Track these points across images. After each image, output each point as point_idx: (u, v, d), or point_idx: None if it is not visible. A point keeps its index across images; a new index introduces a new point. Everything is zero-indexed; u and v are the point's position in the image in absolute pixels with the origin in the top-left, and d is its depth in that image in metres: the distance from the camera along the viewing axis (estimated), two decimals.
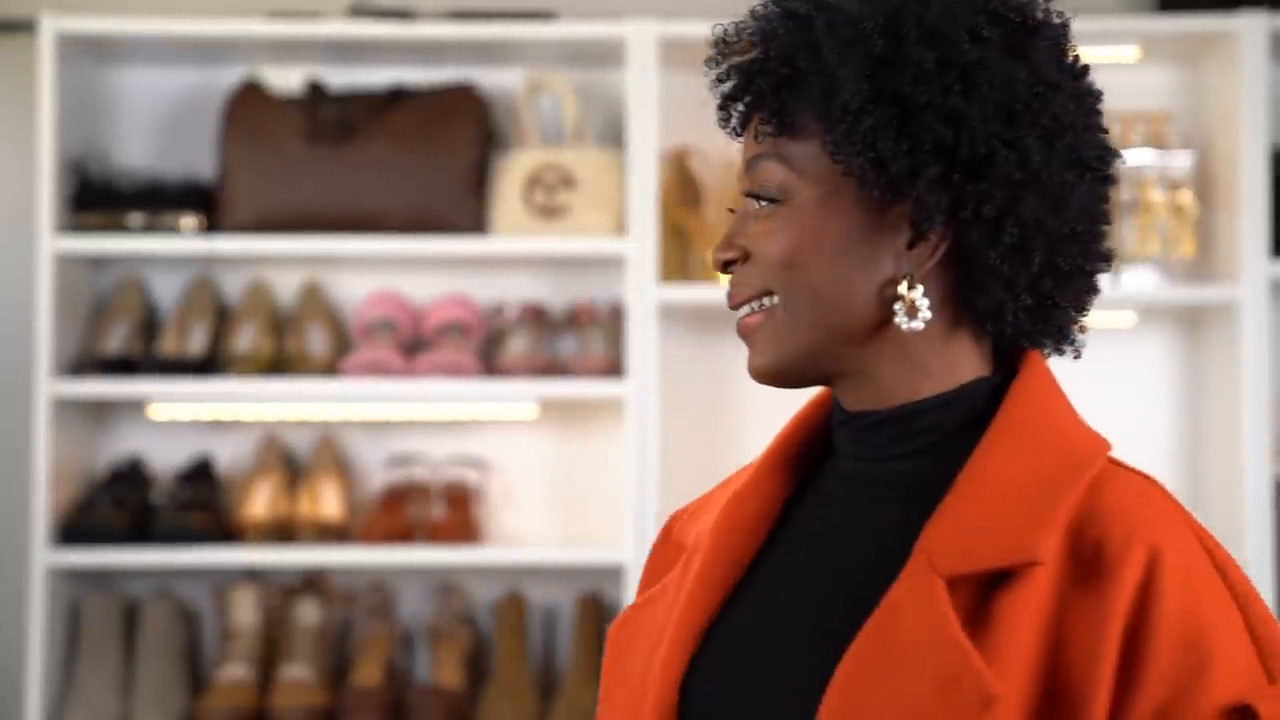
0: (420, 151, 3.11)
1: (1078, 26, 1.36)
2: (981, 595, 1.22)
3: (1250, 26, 2.97)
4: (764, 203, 1.30)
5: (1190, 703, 1.18)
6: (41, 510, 3.02)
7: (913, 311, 1.24)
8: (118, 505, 3.10)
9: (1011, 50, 1.24)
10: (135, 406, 3.24)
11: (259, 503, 3.16)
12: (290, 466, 3.24)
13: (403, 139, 3.11)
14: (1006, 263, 1.25)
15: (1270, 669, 1.19)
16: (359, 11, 3.08)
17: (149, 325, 3.24)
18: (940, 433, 1.31)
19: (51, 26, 3.00)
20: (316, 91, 3.10)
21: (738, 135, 1.32)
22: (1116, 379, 3.25)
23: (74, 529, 3.05)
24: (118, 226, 3.11)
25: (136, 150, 3.26)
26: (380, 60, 3.19)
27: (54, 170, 3.04)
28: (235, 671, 3.10)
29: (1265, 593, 2.90)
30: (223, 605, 3.18)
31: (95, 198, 3.12)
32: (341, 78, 3.18)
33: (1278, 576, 3.02)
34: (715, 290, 3.06)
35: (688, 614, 1.35)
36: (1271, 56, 2.98)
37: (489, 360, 3.17)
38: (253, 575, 3.19)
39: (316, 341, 3.20)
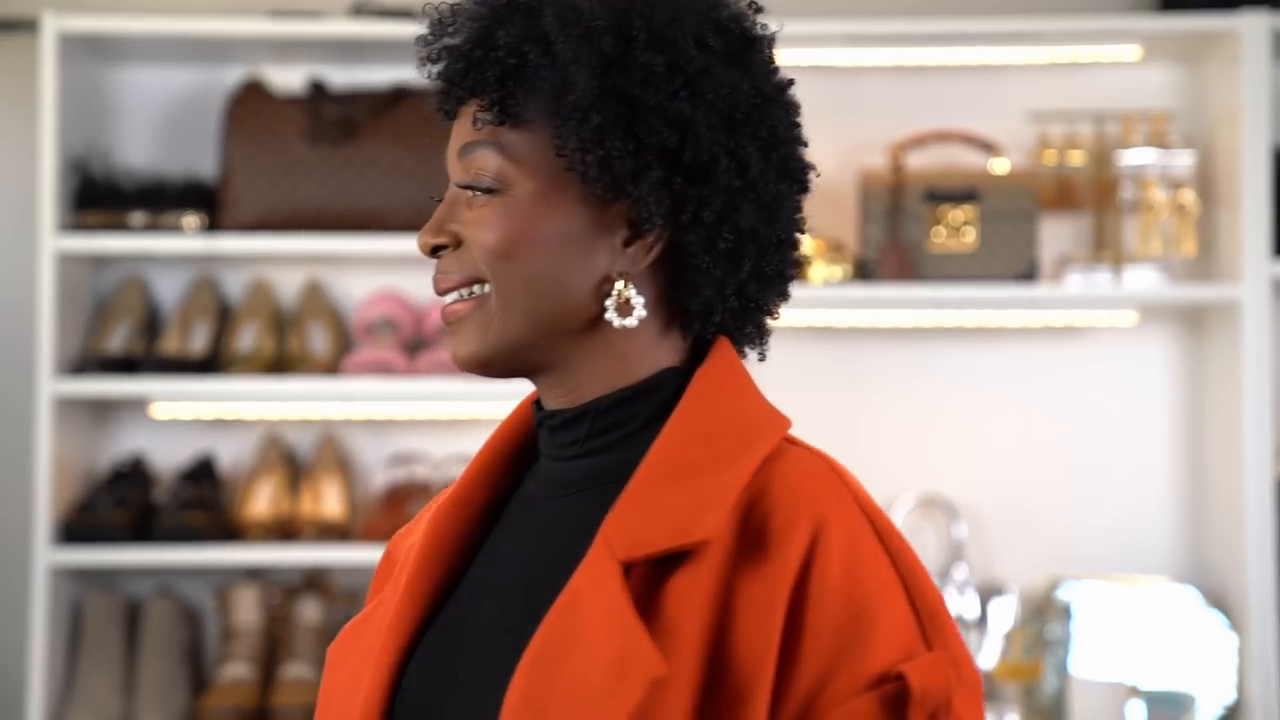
0: (422, 151, 3.07)
1: (1081, 26, 1.35)
2: (655, 578, 1.22)
3: (1252, 26, 2.96)
4: (479, 191, 1.27)
5: (847, 673, 1.19)
6: (43, 509, 3.03)
7: (626, 309, 1.24)
8: (119, 504, 3.11)
9: (734, 61, 1.25)
10: (137, 405, 3.25)
11: (261, 502, 3.18)
12: (292, 465, 3.26)
13: (405, 138, 3.11)
14: (719, 266, 1.26)
15: (929, 636, 1.20)
16: (360, 11, 3.06)
17: (151, 324, 3.26)
18: (630, 427, 1.30)
19: (53, 25, 2.99)
20: (318, 91, 3.10)
21: (449, 118, 1.29)
22: (1118, 378, 3.28)
23: (76, 528, 3.06)
24: (119, 226, 3.11)
25: (138, 149, 3.26)
26: (382, 59, 3.17)
27: (56, 169, 3.04)
28: (237, 670, 3.11)
29: (1267, 592, 3.00)
30: (224, 604, 3.18)
31: (97, 197, 3.12)
32: (343, 77, 3.19)
33: (1278, 576, 3.01)
34: None
35: (393, 630, 1.34)
36: (1273, 56, 3.00)
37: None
38: (254, 574, 3.21)
39: (318, 341, 3.21)
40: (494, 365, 1.29)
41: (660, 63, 1.20)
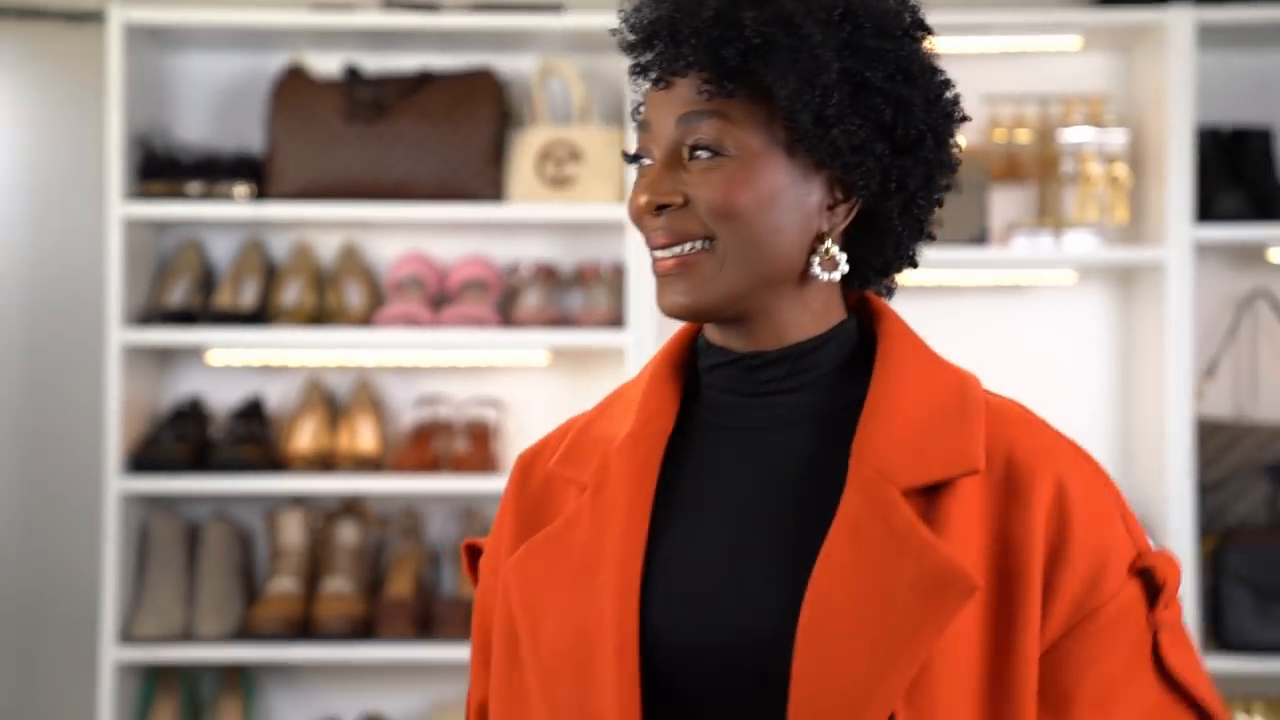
0: (445, 128, 3.10)
1: (1028, 19, 1.36)
2: (925, 503, 1.22)
3: (1178, 18, 2.96)
4: (702, 154, 1.25)
5: (1110, 571, 1.22)
6: (114, 444, 3.04)
7: (831, 265, 1.24)
8: (180, 439, 3.12)
9: (920, 43, 1.26)
10: (195, 353, 3.25)
11: (304, 437, 3.18)
12: (331, 406, 3.25)
13: (430, 117, 3.10)
14: (908, 230, 1.27)
15: (1135, 539, 1.23)
16: (391, 4, 3.08)
17: (206, 281, 3.25)
18: (822, 370, 1.29)
19: (119, 17, 3.00)
20: (353, 75, 3.10)
21: (662, 87, 1.26)
22: (1059, 330, 3.28)
23: (142, 460, 3.07)
24: (178, 194, 3.11)
25: (194, 127, 3.27)
26: (410, 47, 3.19)
27: (122, 145, 3.04)
28: (284, 585, 3.13)
29: (1184, 515, 3.01)
30: (272, 527, 3.20)
31: (158, 169, 3.11)
32: (375, 63, 3.19)
33: (1195, 502, 3.03)
34: None
35: (627, 542, 1.30)
36: (1196, 45, 2.97)
37: (505, 313, 3.19)
38: (298, 501, 3.21)
39: (353, 296, 3.20)
40: (712, 313, 1.29)
41: (885, 47, 1.20)
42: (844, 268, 1.26)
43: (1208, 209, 3.00)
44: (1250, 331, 3.22)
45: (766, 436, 1.31)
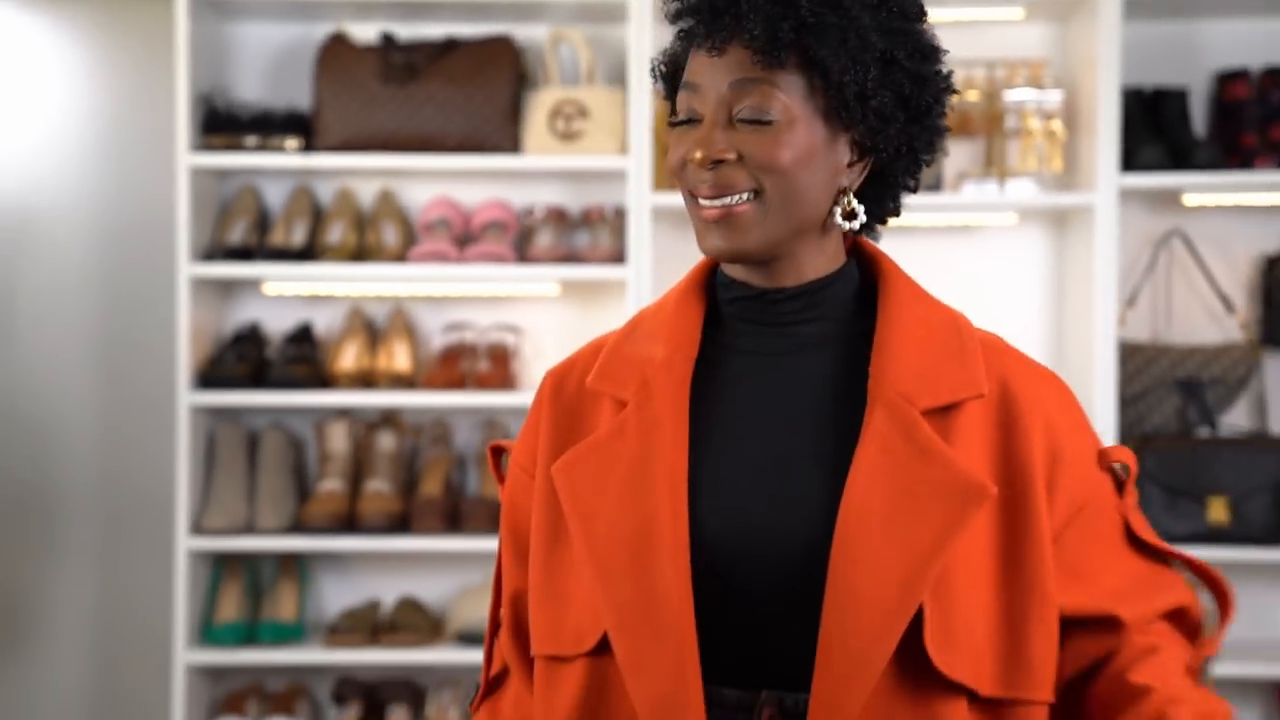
0: (469, 89, 3.13)
1: None
2: (939, 423, 1.28)
3: None
4: (750, 116, 1.27)
5: (1095, 469, 1.31)
6: (184, 363, 3.08)
7: (850, 215, 1.30)
8: (241, 360, 3.15)
9: (931, 31, 1.32)
10: (252, 285, 3.28)
11: (347, 358, 3.20)
12: (370, 331, 3.27)
13: (455, 79, 3.13)
14: (905, 184, 1.32)
15: (1101, 448, 1.33)
16: None
17: (262, 223, 3.27)
18: (834, 304, 1.34)
19: None
20: (389, 42, 3.13)
21: (712, 53, 1.27)
22: (1003, 265, 3.29)
23: (208, 377, 3.11)
24: (237, 146, 3.12)
25: (250, 87, 3.29)
26: (438, 17, 3.22)
27: (188, 104, 3.06)
28: (331, 485, 3.17)
29: (1108, 424, 3.03)
30: (321, 436, 3.24)
31: (219, 124, 3.13)
32: (408, 31, 3.21)
33: (1117, 413, 3.07)
34: None
35: (674, 450, 1.31)
36: (1124, 17, 2.99)
37: (521, 250, 3.20)
38: (343, 413, 3.25)
39: (389, 236, 3.21)
40: (753, 256, 1.31)
41: (909, 28, 1.24)
42: (862, 218, 1.30)
43: (1131, 159, 3.02)
44: (1166, 266, 3.23)
45: (788, 361, 1.34)
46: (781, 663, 1.28)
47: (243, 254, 3.15)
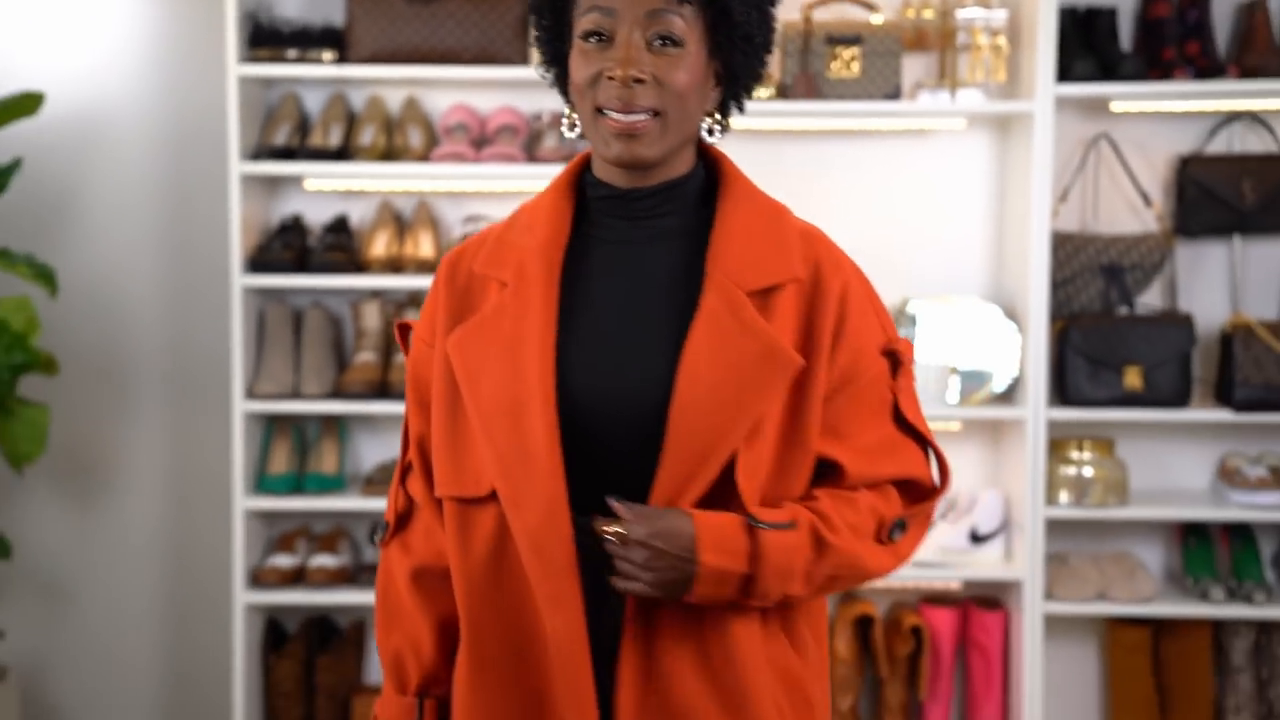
0: (484, 7, 3.14)
1: None
2: (761, 302, 1.37)
3: None
4: (662, 44, 1.34)
5: (869, 351, 1.40)
6: (235, 250, 3.10)
7: (713, 130, 1.42)
8: (286, 247, 3.16)
9: None
10: (295, 181, 3.29)
11: (379, 246, 3.21)
12: (399, 222, 3.28)
13: None
14: (743, 104, 1.43)
15: (888, 332, 1.43)
16: None
17: (303, 126, 3.28)
18: (685, 200, 1.42)
19: None
20: None
21: None
22: (952, 165, 3.31)
23: (257, 262, 3.13)
24: (280, 59, 3.13)
25: (291, 5, 3.28)
26: None
27: (236, 20, 3.06)
28: (366, 356, 3.21)
29: (1041, 304, 3.05)
30: (356, 314, 3.25)
31: (264, 39, 3.13)
32: None
33: (1049, 295, 3.08)
34: None
35: (544, 325, 1.37)
36: None
37: (531, 151, 3.20)
38: (376, 294, 3.26)
39: (415, 138, 3.22)
40: (650, 163, 1.37)
41: None
42: (722, 133, 1.41)
43: (1066, 71, 3.02)
44: (1094, 165, 3.24)
45: (643, 250, 1.41)
46: (636, 497, 1.35)
47: (286, 154, 3.16)
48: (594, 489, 1.35)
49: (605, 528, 1.33)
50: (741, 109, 1.44)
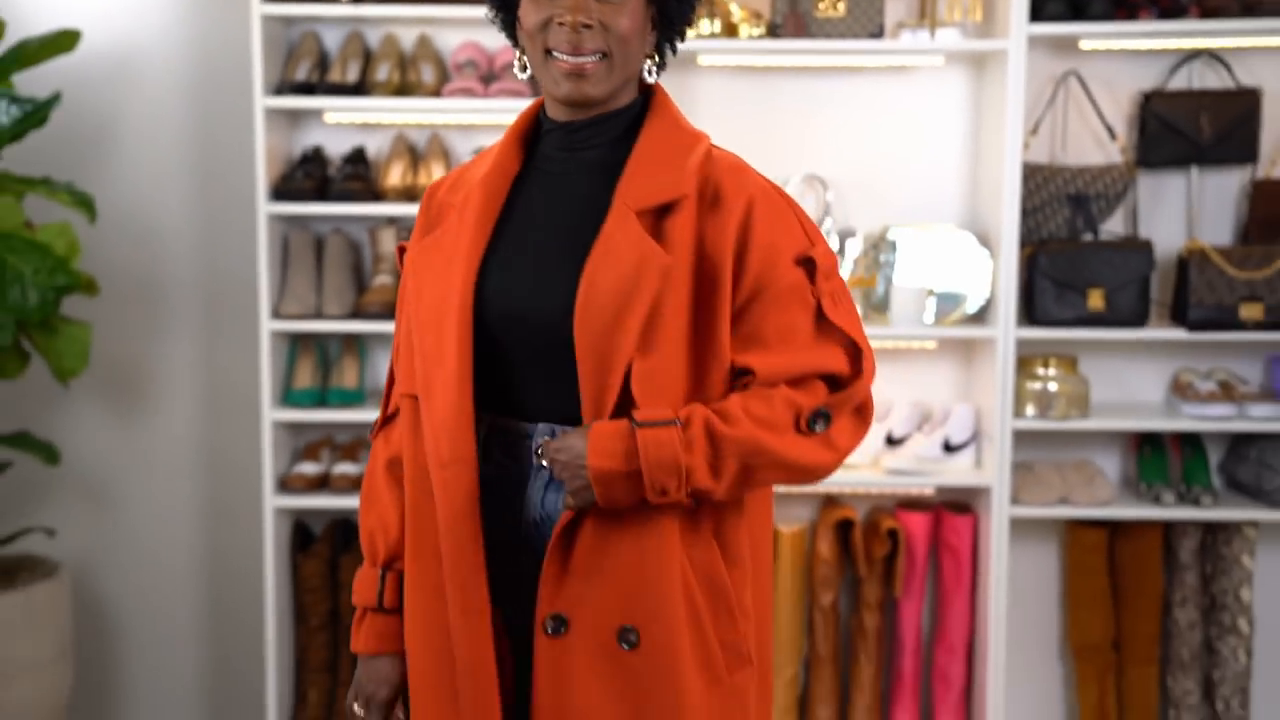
0: None
1: None
2: (656, 222, 1.42)
3: None
4: None
5: (782, 261, 1.42)
6: (261, 180, 3.08)
7: (652, 70, 1.48)
8: (307, 176, 3.16)
9: None
10: (315, 114, 3.29)
11: (394, 176, 3.21)
12: (413, 154, 3.28)
13: None
14: (675, 47, 1.49)
15: (813, 241, 1.45)
16: None
17: (322, 63, 3.28)
18: (615, 131, 1.46)
19: None
20: None
21: None
22: (932, 100, 3.31)
23: (281, 191, 3.13)
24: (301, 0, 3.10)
25: None
26: None
27: None
28: (383, 279, 3.22)
29: (1012, 231, 3.03)
30: (374, 239, 3.26)
31: None
32: None
33: (1019, 222, 3.07)
34: (682, 45, 3.10)
35: (473, 244, 1.44)
36: None
37: (534, 87, 3.10)
38: (391, 221, 3.26)
39: (427, 74, 3.21)
40: (597, 101, 1.43)
41: None
42: (657, 74, 1.48)
43: (1038, 11, 3.02)
44: (1063, 100, 3.24)
45: (576, 179, 1.46)
46: (550, 399, 1.43)
47: (306, 89, 3.15)
48: (510, 391, 1.43)
49: (536, 448, 1.43)
50: (674, 51, 1.49)
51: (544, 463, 1.42)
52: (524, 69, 1.47)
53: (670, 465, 1.37)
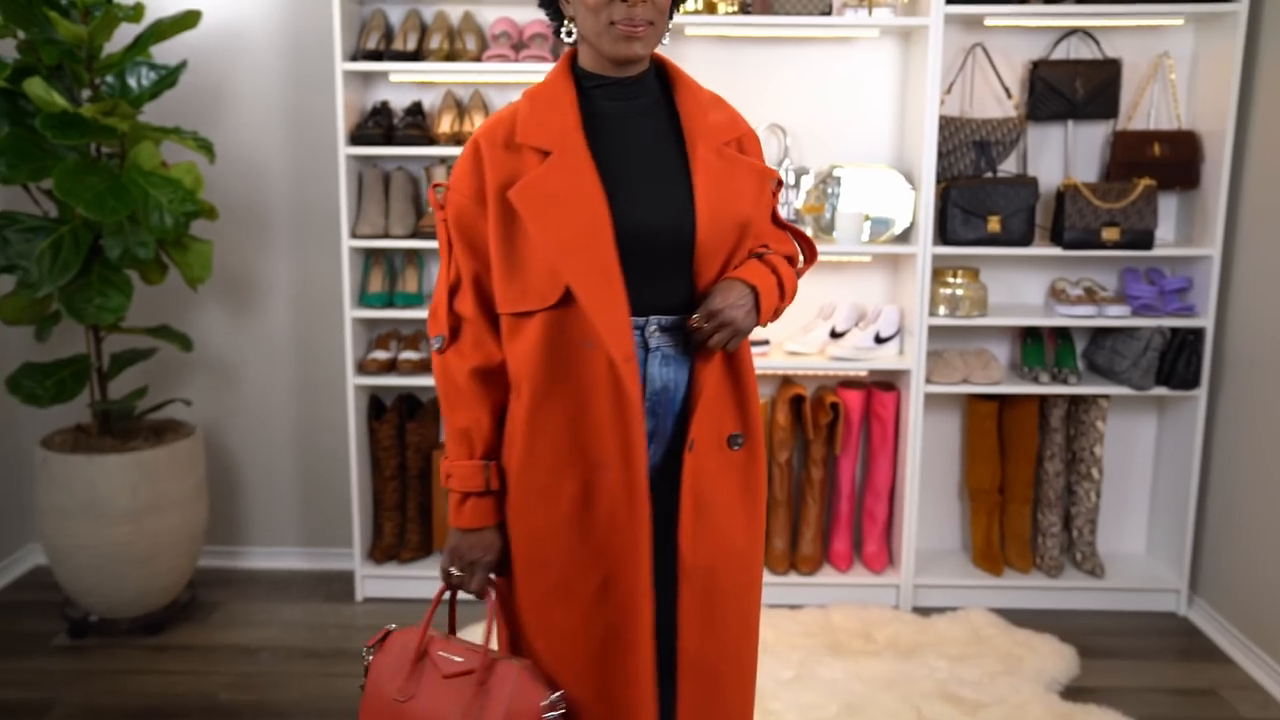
0: None
1: None
2: (731, 149, 1.49)
3: None
4: None
5: (767, 181, 1.47)
6: (341, 128, 3.13)
7: (666, 38, 1.48)
8: (376, 125, 3.20)
9: None
10: (383, 76, 3.33)
11: (445, 124, 3.25)
12: (459, 107, 3.29)
13: None
14: (676, 13, 1.50)
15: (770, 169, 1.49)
16: None
17: (388, 35, 3.30)
18: (651, 84, 1.50)
19: None
20: None
21: None
22: (868, 66, 3.34)
23: (357, 137, 3.16)
24: None
25: None
26: None
27: None
28: None
29: (930, 170, 3.04)
30: (429, 175, 3.28)
31: None
32: None
33: (935, 163, 3.08)
34: (676, 18, 3.05)
35: (594, 177, 1.40)
36: None
37: (555, 54, 3.20)
38: (443, 160, 3.30)
39: (470, 43, 3.25)
40: (643, 60, 1.45)
41: None
42: (668, 41, 1.48)
43: None
44: (970, 66, 3.29)
45: (637, 121, 1.49)
46: (658, 297, 1.45)
47: (375, 56, 3.18)
48: (640, 293, 1.44)
49: (691, 321, 1.44)
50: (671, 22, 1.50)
51: (703, 325, 1.42)
52: (569, 34, 1.46)
53: (786, 279, 1.50)
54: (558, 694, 1.45)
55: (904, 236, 3.24)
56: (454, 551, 1.54)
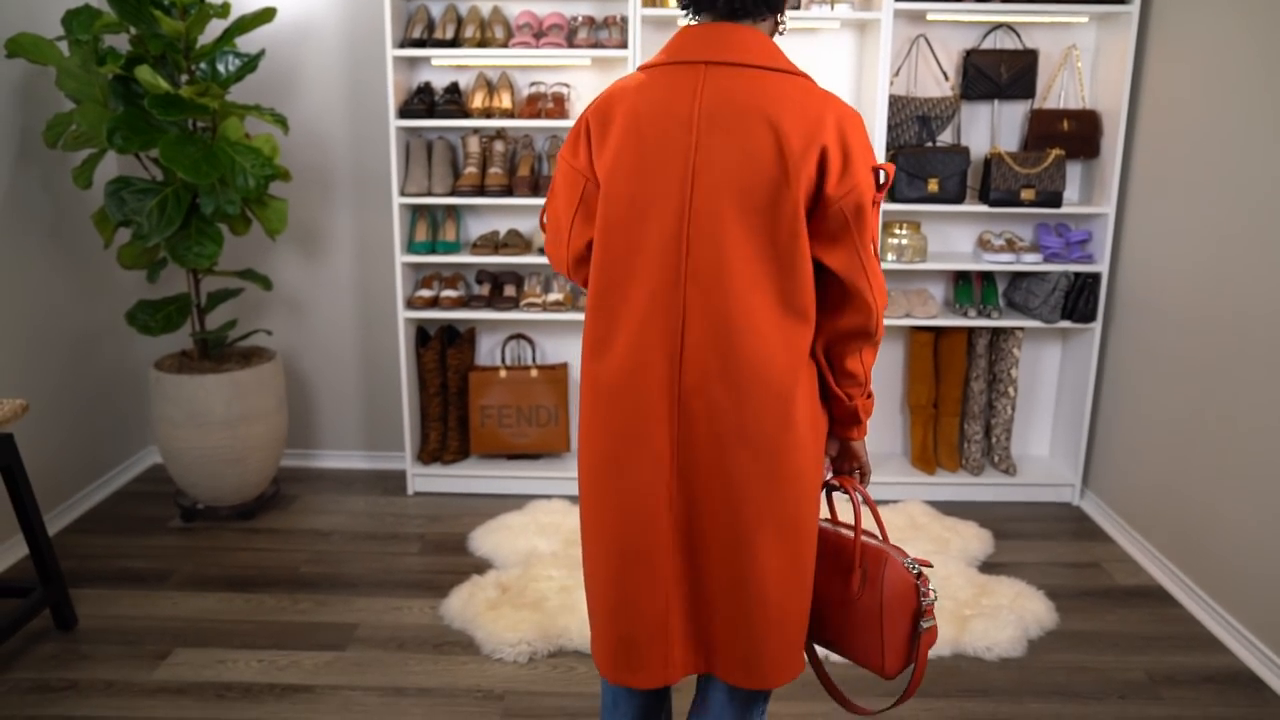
0: None
1: None
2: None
3: None
4: None
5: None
6: (391, 103, 3.21)
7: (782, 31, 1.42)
8: (421, 101, 3.27)
9: None
10: (425, 60, 3.40)
11: (477, 101, 3.33)
12: (489, 86, 3.37)
13: None
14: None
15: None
16: None
17: (430, 26, 3.36)
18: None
19: None
20: None
21: None
22: (831, 53, 3.41)
23: (404, 111, 3.24)
24: None
25: None
26: None
27: None
28: (471, 169, 3.33)
29: (879, 140, 3.15)
30: (464, 144, 3.40)
31: None
32: None
33: (885, 134, 3.14)
34: (668, 11, 3.12)
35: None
36: None
37: (570, 41, 3.28)
38: (475, 131, 3.40)
39: (499, 32, 3.32)
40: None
41: None
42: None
43: None
44: (915, 54, 3.38)
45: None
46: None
47: (420, 43, 3.24)
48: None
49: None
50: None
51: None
52: (782, 30, 1.42)
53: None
54: (909, 559, 1.50)
55: None
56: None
